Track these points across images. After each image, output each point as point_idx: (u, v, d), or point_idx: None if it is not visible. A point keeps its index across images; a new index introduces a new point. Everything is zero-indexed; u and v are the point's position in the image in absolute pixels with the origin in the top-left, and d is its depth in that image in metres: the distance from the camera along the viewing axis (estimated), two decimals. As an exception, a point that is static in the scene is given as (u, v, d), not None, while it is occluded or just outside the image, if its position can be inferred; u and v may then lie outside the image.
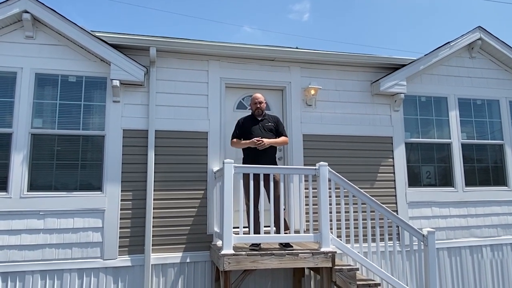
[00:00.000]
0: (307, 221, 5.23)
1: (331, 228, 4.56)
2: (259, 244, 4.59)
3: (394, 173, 6.08)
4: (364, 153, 6.02)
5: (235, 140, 4.96)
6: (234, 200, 4.39)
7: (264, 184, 4.55)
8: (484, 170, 6.57)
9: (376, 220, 4.73)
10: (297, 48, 6.64)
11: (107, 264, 4.93)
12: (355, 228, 4.76)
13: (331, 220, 4.59)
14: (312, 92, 5.82)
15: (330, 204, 4.58)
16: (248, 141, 4.77)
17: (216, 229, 5.18)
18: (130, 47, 5.34)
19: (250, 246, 4.59)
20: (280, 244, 4.68)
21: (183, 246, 5.21)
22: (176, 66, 5.57)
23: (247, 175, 4.47)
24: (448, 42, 6.45)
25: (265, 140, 4.72)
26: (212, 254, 5.08)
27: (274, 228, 4.47)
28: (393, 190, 6.05)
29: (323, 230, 4.45)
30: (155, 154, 5.25)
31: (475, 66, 6.77)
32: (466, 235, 6.24)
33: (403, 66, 6.21)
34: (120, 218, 5.05)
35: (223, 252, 4.17)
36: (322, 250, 4.40)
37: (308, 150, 5.79)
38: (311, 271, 5.43)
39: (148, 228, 5.07)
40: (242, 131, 4.92)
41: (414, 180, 6.21)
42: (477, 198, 6.36)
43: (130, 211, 5.11)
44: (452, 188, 6.33)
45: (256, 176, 4.48)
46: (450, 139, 6.44)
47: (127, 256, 5.02)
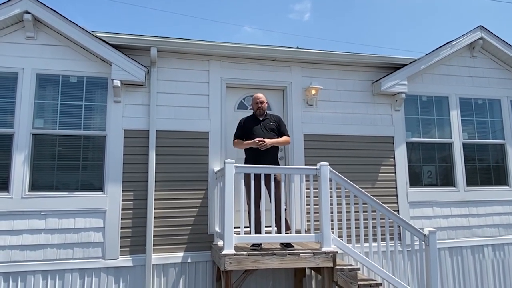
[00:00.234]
0: (308, 221, 5.23)
1: (332, 228, 4.56)
2: (260, 244, 4.58)
3: (395, 172, 6.08)
4: (365, 153, 6.01)
5: (237, 140, 4.96)
6: (235, 200, 4.39)
7: (266, 184, 4.55)
8: (486, 169, 6.56)
9: (377, 220, 4.73)
10: (298, 48, 6.63)
11: (108, 264, 4.93)
12: (356, 228, 4.75)
13: (332, 220, 4.59)
14: (313, 92, 5.81)
15: (331, 204, 4.58)
16: (250, 141, 4.76)
17: (217, 229, 5.19)
18: (131, 47, 5.35)
19: (251, 246, 4.59)
20: (281, 244, 4.68)
21: (184, 246, 5.22)
22: (177, 66, 5.57)
23: (249, 175, 4.47)
24: (449, 42, 6.44)
25: (267, 140, 4.70)
26: (213, 254, 5.08)
27: (275, 228, 4.47)
28: (394, 190, 6.04)
29: (324, 230, 4.44)
30: (156, 154, 5.26)
31: (477, 65, 6.75)
32: (468, 235, 6.23)
33: (404, 65, 6.20)
34: (121, 218, 5.06)
35: (224, 252, 4.17)
36: (323, 250, 4.39)
37: (309, 150, 5.79)
38: (312, 271, 5.43)
39: (149, 228, 5.08)
40: (244, 131, 4.92)
41: (415, 179, 6.20)
42: (478, 197, 6.35)
43: (131, 211, 5.12)
44: (454, 187, 6.32)
45: (257, 176, 4.48)
46: (452, 138, 6.43)
47: (128, 256, 5.03)
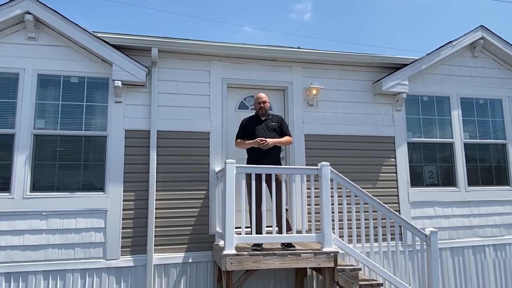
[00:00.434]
0: (309, 221, 5.23)
1: (333, 228, 4.56)
2: (261, 244, 4.58)
3: (396, 173, 6.07)
4: (366, 153, 6.01)
5: (239, 140, 4.95)
6: (236, 200, 4.39)
7: (267, 184, 4.55)
8: (487, 169, 6.54)
9: (378, 220, 4.73)
10: (298, 48, 6.63)
11: (109, 265, 4.94)
12: (357, 228, 4.75)
13: (333, 220, 4.58)
14: (314, 92, 5.81)
15: (332, 204, 4.58)
16: (251, 141, 4.76)
17: (218, 229, 5.19)
18: (131, 47, 5.35)
19: (252, 246, 4.59)
20: (282, 244, 4.68)
21: (185, 246, 5.22)
22: (178, 66, 5.58)
23: (250, 175, 4.47)
24: (450, 42, 6.43)
25: (268, 140, 4.70)
26: (214, 254, 5.09)
27: (277, 228, 4.47)
28: (395, 190, 6.03)
29: (325, 230, 4.44)
30: (157, 155, 5.26)
31: (478, 65, 6.74)
32: (469, 235, 6.22)
33: (405, 65, 6.19)
34: (123, 219, 5.07)
35: (225, 252, 4.17)
36: (324, 250, 4.39)
37: (310, 150, 5.79)
38: (314, 271, 5.43)
39: (150, 229, 5.08)
40: (246, 131, 4.91)
41: (417, 180, 6.19)
42: (480, 197, 6.34)
43: (132, 212, 5.12)
44: (455, 187, 6.31)
45: (258, 176, 4.48)
46: (453, 138, 6.42)
47: (129, 256, 5.03)
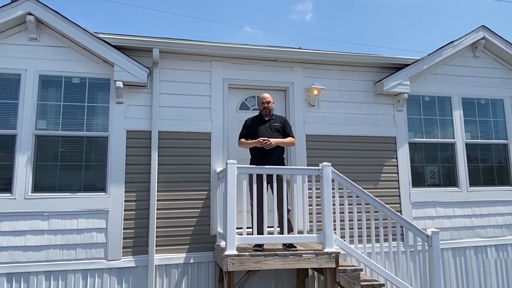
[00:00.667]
0: (310, 221, 5.22)
1: (334, 229, 4.55)
2: (262, 244, 4.58)
3: (397, 173, 6.06)
4: (368, 153, 6.00)
5: (242, 140, 4.93)
6: (237, 201, 4.39)
7: (270, 184, 4.54)
8: (489, 170, 6.53)
9: (380, 221, 4.72)
10: (299, 48, 6.63)
11: (111, 265, 4.94)
12: (358, 228, 4.74)
13: (334, 221, 4.58)
14: (315, 92, 5.81)
15: (334, 205, 4.57)
16: (254, 140, 4.75)
17: (219, 229, 5.19)
18: (133, 48, 5.36)
19: (253, 246, 4.59)
20: (284, 244, 4.67)
21: (187, 246, 5.22)
22: (179, 67, 5.58)
23: (251, 176, 4.47)
24: (452, 42, 6.42)
25: (271, 139, 4.69)
26: (215, 255, 5.09)
27: (278, 228, 4.46)
28: (396, 190, 6.03)
29: (326, 230, 4.44)
30: (158, 155, 5.26)
31: (479, 65, 6.74)
32: (471, 235, 6.21)
33: (406, 66, 6.19)
34: (124, 219, 5.07)
35: (226, 252, 4.17)
36: (326, 250, 4.39)
37: (311, 150, 5.79)
38: (315, 272, 5.43)
39: (152, 229, 5.08)
40: (249, 131, 4.90)
41: (418, 180, 6.19)
42: (481, 198, 6.32)
43: (133, 212, 5.13)
44: (457, 188, 6.30)
45: (259, 176, 4.48)
46: (454, 139, 6.41)
47: (131, 256, 5.04)
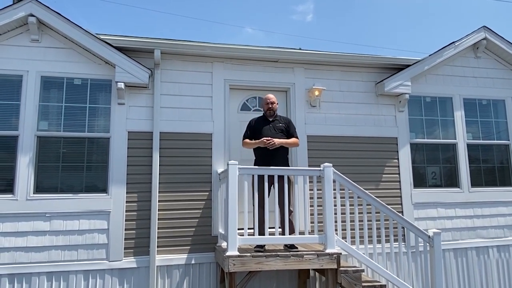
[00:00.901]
0: (312, 222, 5.22)
1: (336, 230, 4.55)
2: (264, 245, 4.58)
3: (399, 173, 6.06)
4: (369, 154, 6.00)
5: (246, 140, 4.91)
6: (239, 202, 4.39)
7: (272, 185, 4.54)
8: (490, 170, 6.52)
9: (381, 221, 4.72)
10: (300, 49, 6.63)
11: (112, 266, 4.95)
12: (360, 229, 4.74)
13: (336, 221, 4.58)
14: (316, 93, 5.81)
15: (335, 205, 4.57)
16: (258, 140, 4.74)
17: (221, 230, 5.19)
18: (134, 49, 5.37)
19: (254, 247, 4.59)
20: (285, 245, 4.67)
21: (188, 247, 5.22)
22: (181, 68, 5.59)
23: (253, 176, 4.46)
24: (453, 42, 6.42)
25: (275, 139, 4.66)
26: (217, 256, 5.09)
27: (280, 229, 4.46)
28: (398, 191, 6.02)
29: (328, 231, 4.44)
30: (159, 156, 5.27)
31: (480, 66, 6.73)
32: (472, 236, 6.20)
33: (408, 66, 6.19)
34: (125, 220, 5.08)
35: (228, 253, 4.17)
36: (327, 251, 4.39)
37: (313, 151, 5.79)
38: (316, 273, 5.42)
39: (153, 230, 5.09)
40: (253, 131, 4.88)
41: (420, 180, 6.18)
42: (483, 198, 6.31)
43: (135, 213, 5.13)
44: (458, 188, 6.29)
45: (261, 177, 4.48)
46: (456, 139, 6.40)
47: (132, 257, 5.04)
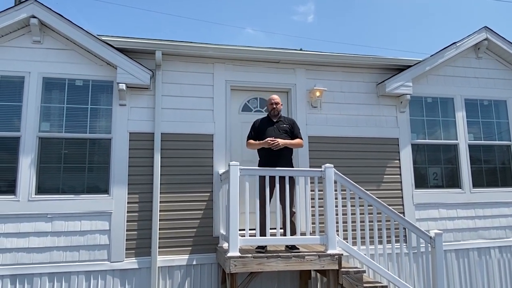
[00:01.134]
0: (313, 223, 5.22)
1: (337, 230, 4.55)
2: (265, 246, 4.58)
3: (400, 174, 6.05)
4: (370, 154, 5.99)
5: (250, 141, 4.91)
6: (240, 202, 4.39)
7: (274, 186, 4.54)
8: (492, 171, 6.51)
9: (382, 222, 4.71)
10: (301, 50, 6.63)
11: (114, 267, 4.95)
12: (361, 230, 4.74)
13: (337, 222, 4.58)
14: (317, 94, 5.81)
15: (336, 206, 4.57)
16: (262, 141, 4.74)
17: (222, 231, 5.19)
18: (136, 50, 5.38)
19: (256, 248, 4.59)
20: (287, 246, 4.67)
21: (190, 248, 5.23)
22: (182, 69, 5.60)
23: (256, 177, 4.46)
24: (454, 43, 6.41)
25: (279, 140, 4.66)
26: (218, 257, 5.09)
27: (282, 230, 4.46)
28: (399, 191, 6.02)
29: (329, 232, 4.44)
30: (161, 157, 5.28)
31: (482, 66, 6.72)
32: (474, 237, 6.19)
33: (409, 67, 6.18)
34: (127, 221, 5.08)
35: (229, 254, 4.18)
36: (329, 252, 4.39)
37: (314, 152, 5.78)
38: (318, 274, 5.42)
39: (155, 231, 5.09)
40: (257, 132, 4.89)
41: (421, 181, 6.17)
42: (484, 199, 6.30)
43: (136, 214, 5.14)
44: (460, 189, 6.28)
45: (262, 178, 4.48)
46: (457, 140, 6.39)
47: (133, 258, 5.05)
